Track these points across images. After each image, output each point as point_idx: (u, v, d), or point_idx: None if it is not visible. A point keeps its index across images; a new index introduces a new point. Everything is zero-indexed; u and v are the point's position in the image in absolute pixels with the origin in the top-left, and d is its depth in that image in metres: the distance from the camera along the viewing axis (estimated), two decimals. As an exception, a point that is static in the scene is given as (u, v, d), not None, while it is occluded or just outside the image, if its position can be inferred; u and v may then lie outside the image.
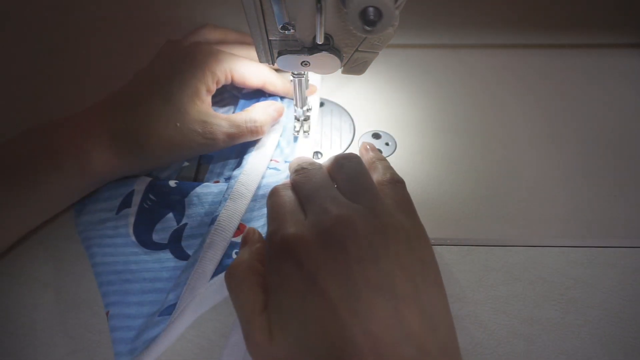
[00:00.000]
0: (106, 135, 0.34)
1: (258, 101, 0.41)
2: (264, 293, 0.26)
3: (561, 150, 0.42)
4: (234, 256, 0.32)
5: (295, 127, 0.40)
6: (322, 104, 0.46)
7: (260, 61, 0.33)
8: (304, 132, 0.40)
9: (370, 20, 0.24)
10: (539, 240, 0.36)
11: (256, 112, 0.37)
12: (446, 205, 0.38)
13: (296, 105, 0.38)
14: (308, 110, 0.39)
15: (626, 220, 0.37)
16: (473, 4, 0.54)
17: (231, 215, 0.33)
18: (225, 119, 0.36)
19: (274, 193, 0.31)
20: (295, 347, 0.23)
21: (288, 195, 0.30)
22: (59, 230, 0.36)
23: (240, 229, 0.34)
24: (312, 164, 0.32)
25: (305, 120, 0.40)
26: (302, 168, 0.32)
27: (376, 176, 0.31)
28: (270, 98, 0.41)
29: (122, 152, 0.34)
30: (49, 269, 0.34)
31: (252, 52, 0.40)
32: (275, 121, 0.39)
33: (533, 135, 0.43)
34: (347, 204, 0.27)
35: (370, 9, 0.24)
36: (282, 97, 0.42)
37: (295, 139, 0.40)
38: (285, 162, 0.39)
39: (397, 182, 0.30)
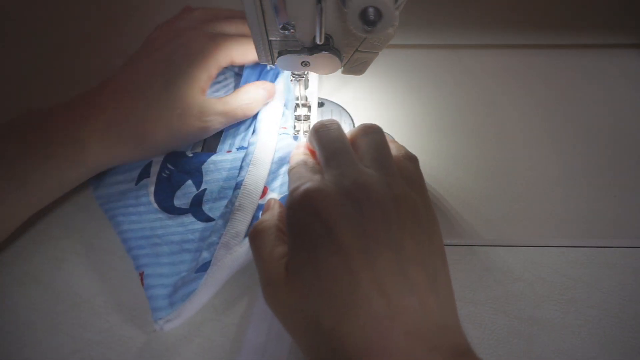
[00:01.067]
0: (104, 123, 0.34)
1: (261, 72, 0.42)
2: (283, 246, 0.27)
3: (561, 150, 0.42)
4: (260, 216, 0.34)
5: (295, 126, 0.40)
6: (322, 104, 0.46)
7: (260, 61, 0.33)
8: (304, 132, 0.40)
9: (370, 20, 0.24)
10: (539, 240, 0.36)
11: (247, 93, 0.38)
12: (446, 205, 0.38)
13: (296, 105, 0.38)
14: (308, 109, 0.39)
15: (626, 220, 0.37)
16: (473, 4, 0.55)
17: (256, 179, 0.35)
18: (220, 102, 0.37)
19: (295, 162, 0.32)
20: (308, 291, 0.24)
21: (308, 162, 0.31)
22: (59, 229, 0.36)
23: (263, 191, 0.36)
24: (333, 121, 0.33)
25: (305, 120, 0.40)
26: (324, 125, 0.32)
27: (393, 150, 0.32)
28: (269, 73, 0.42)
29: (121, 140, 0.34)
30: (49, 268, 0.34)
31: (245, 27, 0.40)
32: (266, 100, 0.40)
33: (533, 135, 0.43)
34: (364, 170, 0.28)
35: (370, 9, 0.24)
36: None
37: (296, 138, 0.40)
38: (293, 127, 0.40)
39: (411, 159, 0.31)
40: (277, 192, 0.36)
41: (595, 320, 0.31)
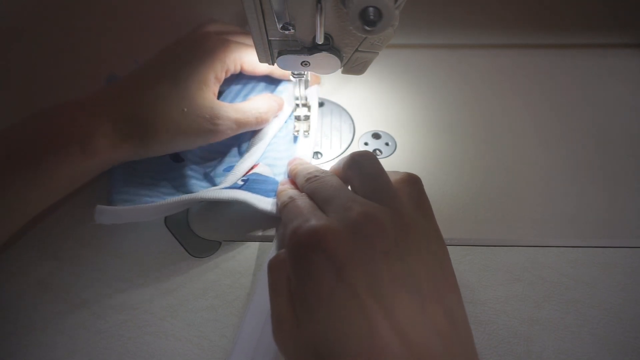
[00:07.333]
0: (111, 117, 0.34)
1: (252, 87, 0.42)
2: None
3: (561, 150, 0.42)
4: (240, 182, 0.36)
5: (295, 127, 0.40)
6: (322, 104, 0.46)
7: (260, 61, 0.33)
8: (304, 132, 0.40)
9: (370, 20, 0.24)
10: (539, 240, 0.36)
11: (260, 101, 0.39)
12: (446, 205, 0.38)
13: (296, 104, 0.38)
14: (308, 109, 0.39)
15: (626, 220, 0.37)
16: (473, 4, 0.55)
17: (244, 164, 0.38)
18: (231, 106, 0.37)
19: (289, 200, 0.30)
20: (322, 336, 0.23)
21: (304, 200, 0.29)
22: (59, 229, 0.36)
23: (253, 167, 0.38)
24: (323, 171, 0.32)
25: (305, 120, 0.40)
26: (314, 176, 0.31)
27: (392, 176, 0.30)
28: (252, 83, 0.42)
29: (128, 135, 0.34)
30: (49, 269, 0.34)
31: None
32: (276, 112, 0.40)
33: (533, 135, 0.43)
34: (369, 202, 0.26)
35: (370, 9, 0.24)
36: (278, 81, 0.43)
37: (296, 138, 0.40)
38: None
39: (412, 182, 0.29)
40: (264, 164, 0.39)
41: (595, 320, 0.31)
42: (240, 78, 0.42)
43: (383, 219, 0.25)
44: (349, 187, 0.30)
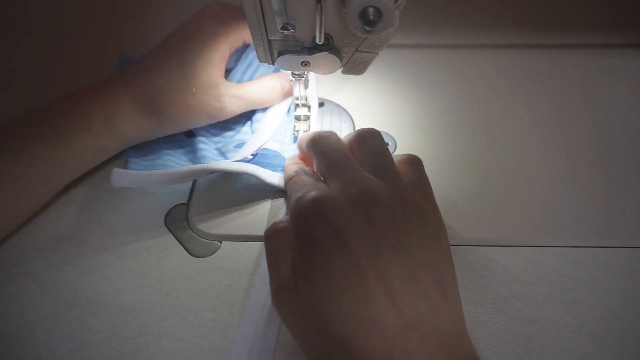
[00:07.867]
0: (130, 98, 0.37)
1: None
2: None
3: (561, 150, 0.42)
4: (250, 157, 0.37)
5: (295, 127, 0.40)
6: (322, 104, 0.46)
7: (261, 61, 0.33)
8: (304, 132, 0.40)
9: (370, 20, 0.24)
10: (539, 240, 0.36)
11: (266, 81, 0.40)
12: (446, 205, 0.38)
13: (296, 105, 0.38)
14: (308, 109, 0.39)
15: (626, 220, 0.37)
16: (473, 4, 0.55)
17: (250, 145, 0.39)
18: (237, 86, 0.39)
19: (294, 174, 0.32)
20: (319, 298, 0.24)
21: (309, 174, 0.32)
22: (59, 229, 0.36)
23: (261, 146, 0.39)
24: (331, 132, 0.34)
25: (305, 120, 0.40)
26: (322, 136, 0.33)
27: (395, 158, 0.32)
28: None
29: (146, 114, 0.37)
30: (49, 268, 0.34)
31: None
32: (283, 90, 0.41)
33: (533, 135, 0.43)
34: (370, 177, 0.28)
35: (370, 9, 0.24)
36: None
37: (296, 138, 0.40)
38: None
39: (414, 162, 0.31)
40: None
41: (595, 320, 0.31)
42: (247, 57, 0.43)
43: (382, 194, 0.26)
44: None
